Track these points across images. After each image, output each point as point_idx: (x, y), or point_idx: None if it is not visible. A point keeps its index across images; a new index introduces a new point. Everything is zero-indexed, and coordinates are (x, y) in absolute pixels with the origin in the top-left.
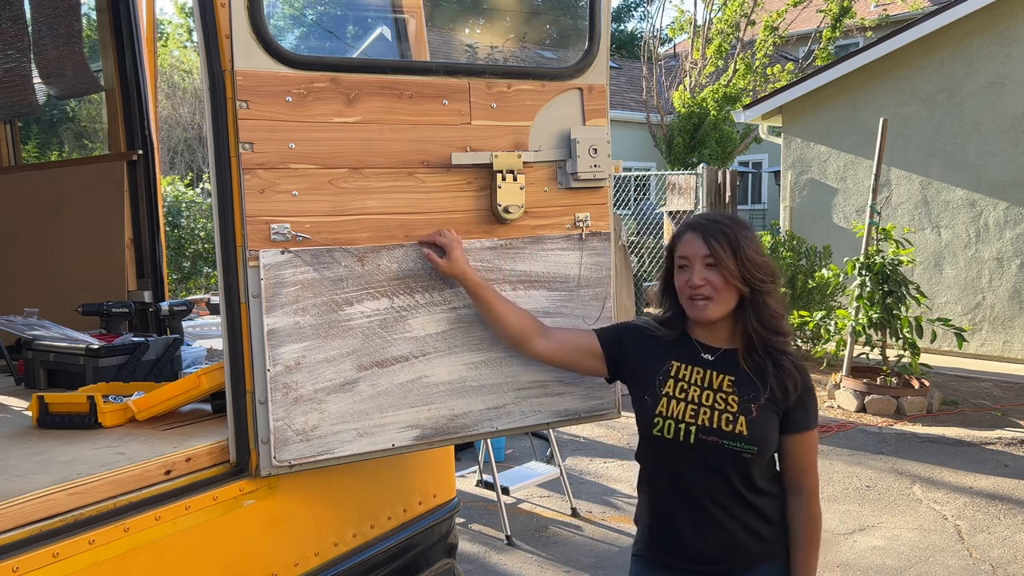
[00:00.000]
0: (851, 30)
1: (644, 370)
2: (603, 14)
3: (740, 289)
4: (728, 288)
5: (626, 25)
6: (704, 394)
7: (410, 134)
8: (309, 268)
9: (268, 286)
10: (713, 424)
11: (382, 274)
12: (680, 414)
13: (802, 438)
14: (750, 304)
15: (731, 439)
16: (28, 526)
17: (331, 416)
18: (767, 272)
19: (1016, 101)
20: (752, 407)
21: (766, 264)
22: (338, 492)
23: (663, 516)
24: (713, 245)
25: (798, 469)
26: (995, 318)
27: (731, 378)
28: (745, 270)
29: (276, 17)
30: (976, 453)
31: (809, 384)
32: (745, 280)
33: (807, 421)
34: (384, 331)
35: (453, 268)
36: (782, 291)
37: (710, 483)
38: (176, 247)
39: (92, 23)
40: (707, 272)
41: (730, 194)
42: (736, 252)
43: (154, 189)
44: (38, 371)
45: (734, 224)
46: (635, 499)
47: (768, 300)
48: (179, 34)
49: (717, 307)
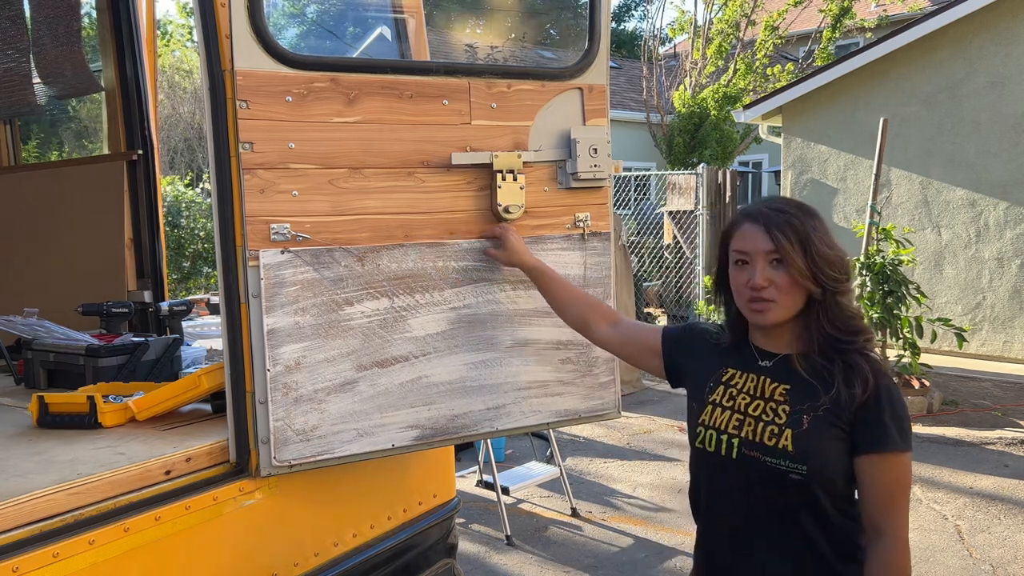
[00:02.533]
0: (851, 30)
1: (698, 374)
2: (603, 14)
3: (810, 289)
4: (795, 289)
5: (626, 25)
6: (753, 403)
7: (410, 134)
8: (309, 268)
9: (268, 286)
10: (756, 438)
11: (382, 274)
12: (723, 424)
13: (880, 461)
14: (820, 306)
15: (774, 456)
16: (28, 526)
17: (331, 416)
18: (841, 269)
19: (1016, 101)
20: (804, 418)
21: (839, 260)
22: (338, 492)
23: (709, 552)
24: (779, 239)
25: (876, 504)
26: (995, 318)
27: (786, 386)
28: (816, 268)
29: (276, 17)
30: (976, 453)
31: (892, 391)
32: (816, 279)
33: (886, 439)
34: (384, 331)
35: (512, 258)
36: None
37: (755, 513)
38: (176, 247)
39: (92, 23)
40: (771, 271)
41: (730, 194)
42: (806, 247)
43: (154, 189)
44: (38, 371)
45: (802, 213)
46: (635, 499)
47: (841, 300)
48: (181, 34)
49: (781, 311)
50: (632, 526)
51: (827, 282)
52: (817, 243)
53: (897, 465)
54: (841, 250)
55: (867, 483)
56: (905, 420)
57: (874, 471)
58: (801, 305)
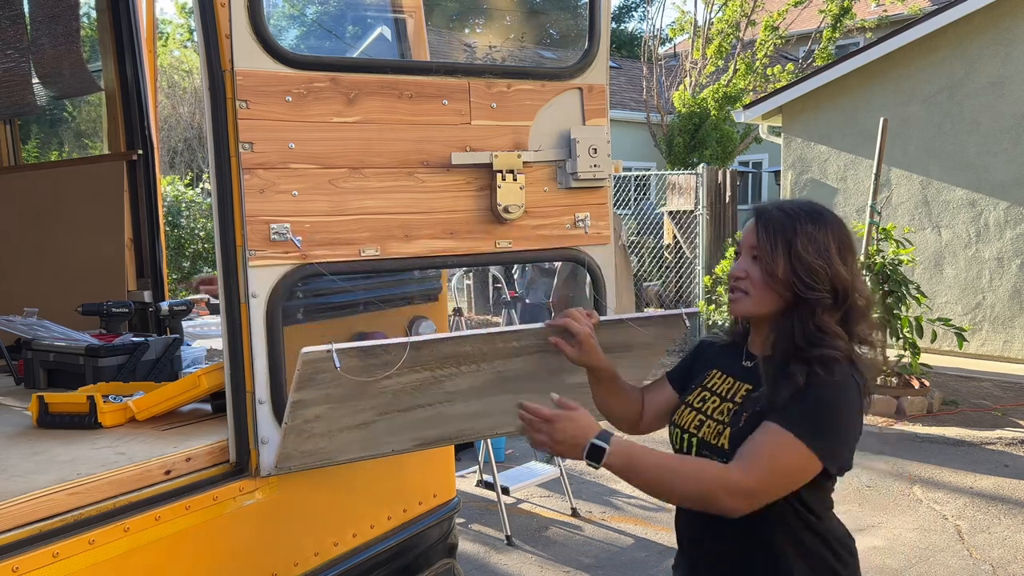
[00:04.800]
0: (851, 30)
1: (694, 380)
2: (603, 14)
3: (780, 292)
4: (767, 287)
5: (626, 25)
6: (719, 405)
7: (410, 134)
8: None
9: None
10: (708, 437)
11: (434, 355)
12: (687, 423)
13: (768, 425)
14: (793, 312)
15: (717, 454)
16: (28, 526)
17: (340, 442)
18: (820, 280)
19: (1016, 101)
20: (743, 416)
21: (822, 271)
22: (338, 492)
23: (679, 538)
24: (762, 237)
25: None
26: (995, 318)
27: (749, 387)
28: (794, 273)
29: (276, 17)
30: (976, 453)
31: (824, 398)
32: (790, 284)
33: (784, 414)
34: (416, 392)
35: (583, 359)
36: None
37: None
38: (176, 247)
39: (92, 23)
40: (750, 264)
41: (730, 194)
42: (788, 250)
43: (154, 189)
44: (38, 371)
45: (800, 214)
46: (635, 499)
47: (820, 312)
48: (179, 34)
49: (751, 304)
50: (632, 526)
51: (801, 289)
52: (801, 249)
53: (778, 435)
54: (829, 262)
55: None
56: (819, 417)
57: (761, 431)
58: (775, 306)
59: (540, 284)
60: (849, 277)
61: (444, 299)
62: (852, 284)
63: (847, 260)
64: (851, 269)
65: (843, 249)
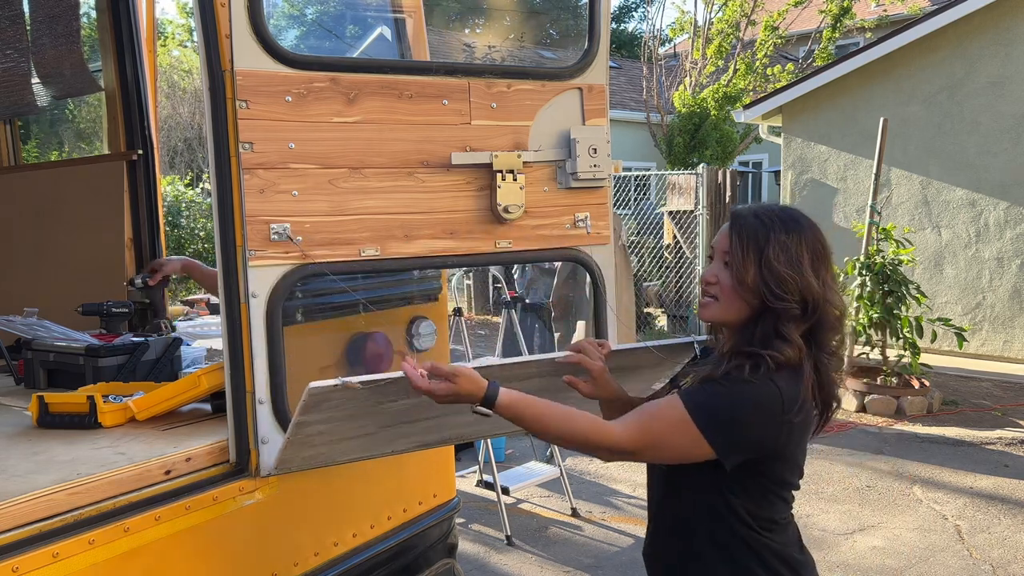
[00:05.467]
0: (851, 30)
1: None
2: (603, 14)
3: (748, 300)
4: (736, 295)
5: (626, 25)
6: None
7: (410, 134)
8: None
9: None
10: None
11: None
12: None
13: (670, 397)
14: (759, 318)
15: None
16: (28, 526)
17: (341, 447)
18: (789, 290)
19: (1016, 101)
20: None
21: (791, 281)
22: (338, 492)
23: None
24: (734, 242)
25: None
26: (995, 318)
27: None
28: (763, 282)
29: (276, 17)
30: (976, 453)
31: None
32: (758, 292)
33: (689, 393)
34: (421, 407)
35: (598, 392)
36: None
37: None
38: (176, 247)
39: (92, 23)
40: (721, 269)
41: (730, 194)
42: (759, 258)
43: (154, 189)
44: (38, 371)
45: (775, 222)
46: (635, 499)
47: (785, 321)
48: (179, 34)
49: (719, 310)
50: (632, 526)
51: (769, 298)
52: (772, 258)
53: (671, 404)
54: (803, 274)
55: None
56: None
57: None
58: (743, 313)
59: (540, 284)
60: (820, 289)
61: (444, 299)
62: (823, 295)
63: (819, 271)
64: (823, 280)
65: (816, 260)
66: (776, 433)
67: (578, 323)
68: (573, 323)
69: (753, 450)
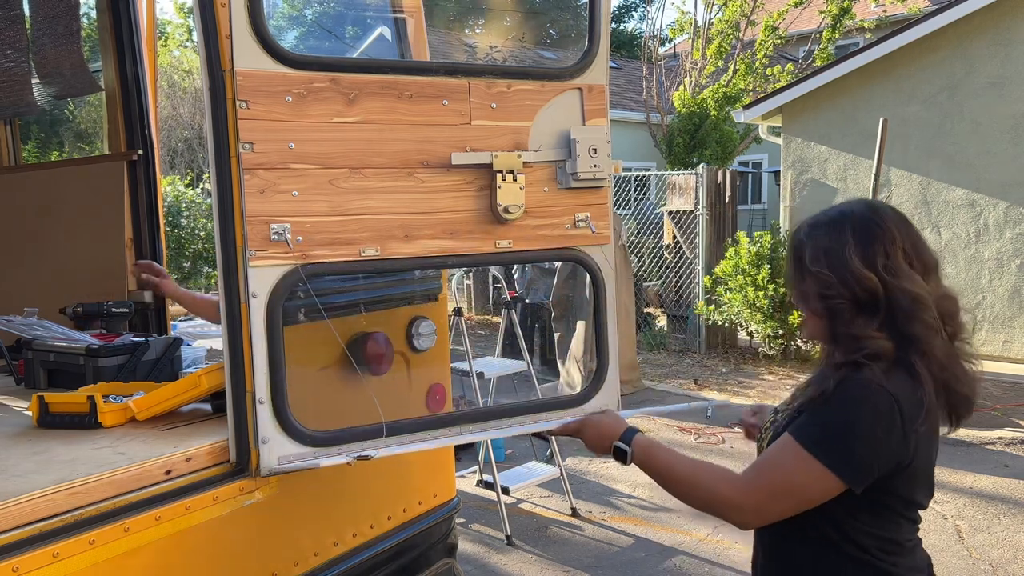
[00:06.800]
0: (851, 30)
1: None
2: (603, 14)
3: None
4: (806, 310)
5: (626, 25)
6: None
7: (410, 134)
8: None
9: None
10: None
11: None
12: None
13: (783, 437)
14: (831, 325)
15: None
16: (28, 526)
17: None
18: (829, 286)
19: (1016, 101)
20: (777, 427)
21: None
22: (338, 492)
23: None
24: (790, 264)
25: (758, 460)
26: (995, 318)
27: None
28: (809, 290)
29: (276, 17)
30: (976, 453)
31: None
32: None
33: (796, 426)
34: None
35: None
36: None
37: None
38: (176, 247)
39: (92, 23)
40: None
41: (730, 194)
42: (802, 267)
43: (154, 189)
44: (38, 371)
45: (820, 224)
46: (635, 499)
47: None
48: (179, 34)
49: (808, 329)
50: (632, 526)
51: (822, 303)
52: (809, 264)
53: (787, 445)
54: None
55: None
56: (830, 428)
57: (777, 442)
58: (821, 324)
59: (540, 284)
60: (871, 275)
61: (444, 299)
62: (885, 282)
63: (873, 258)
64: (883, 266)
65: (868, 246)
66: (902, 442)
67: (578, 323)
68: (573, 323)
69: (881, 466)
